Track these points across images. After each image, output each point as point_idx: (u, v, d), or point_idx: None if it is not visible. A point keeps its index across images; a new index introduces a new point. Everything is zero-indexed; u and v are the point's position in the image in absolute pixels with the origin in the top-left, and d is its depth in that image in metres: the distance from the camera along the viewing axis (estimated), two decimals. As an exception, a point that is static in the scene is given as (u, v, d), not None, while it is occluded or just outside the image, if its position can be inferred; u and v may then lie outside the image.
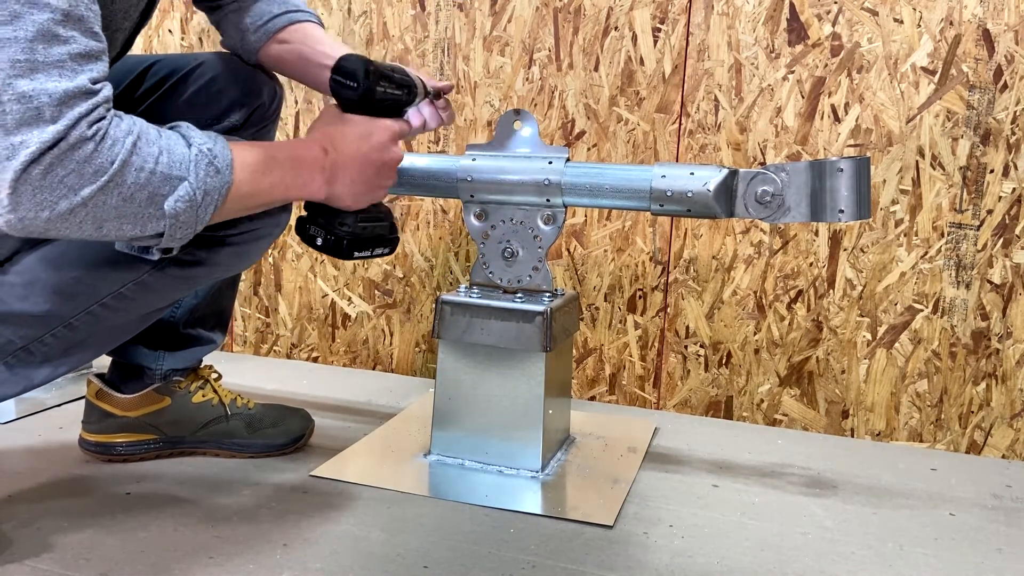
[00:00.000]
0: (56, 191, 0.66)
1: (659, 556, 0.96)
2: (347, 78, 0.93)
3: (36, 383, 0.90)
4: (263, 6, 1.10)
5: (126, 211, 0.70)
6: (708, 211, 1.07)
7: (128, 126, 0.71)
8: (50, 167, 0.65)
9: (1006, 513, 1.13)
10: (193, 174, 0.74)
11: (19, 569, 0.88)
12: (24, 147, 0.64)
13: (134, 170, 0.69)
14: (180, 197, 0.73)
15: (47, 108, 0.64)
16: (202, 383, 1.20)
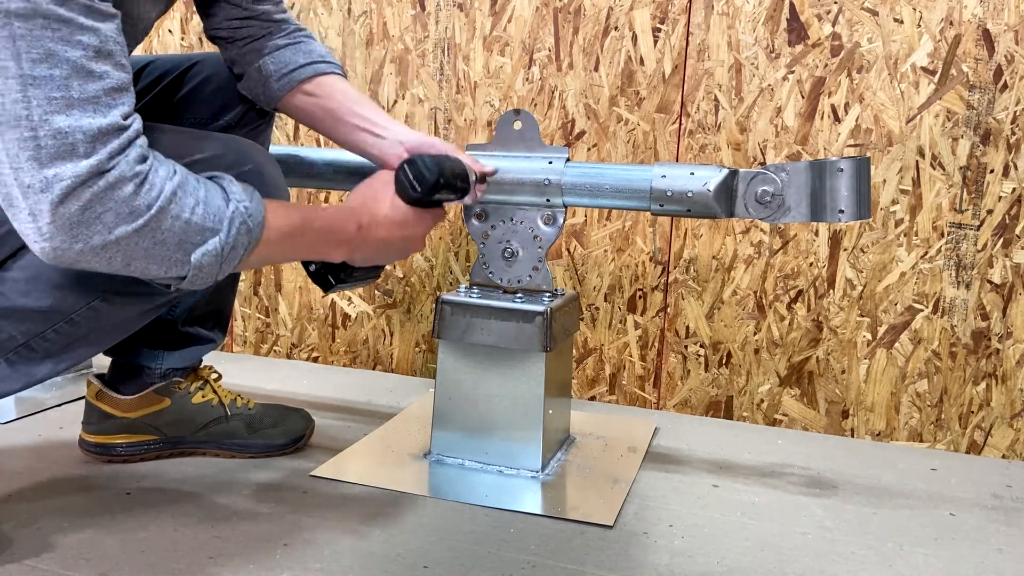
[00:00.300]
0: (92, 227, 0.68)
1: (659, 556, 0.96)
2: (416, 181, 0.94)
3: (37, 379, 0.90)
4: (288, 54, 1.09)
5: (155, 253, 0.72)
6: (708, 211, 1.07)
7: (168, 172, 0.73)
8: (89, 203, 0.67)
9: (1006, 513, 1.13)
10: (225, 230, 0.76)
11: (19, 569, 0.88)
12: (58, 180, 0.66)
13: (170, 217, 0.72)
14: (208, 251, 0.76)
15: (81, 144, 0.66)
16: (202, 383, 1.20)
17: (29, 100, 0.65)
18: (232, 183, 0.80)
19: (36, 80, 0.65)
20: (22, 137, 0.66)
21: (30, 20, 0.64)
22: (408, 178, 0.94)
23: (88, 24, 0.67)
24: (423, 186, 0.94)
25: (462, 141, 1.58)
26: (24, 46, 0.65)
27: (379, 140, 1.07)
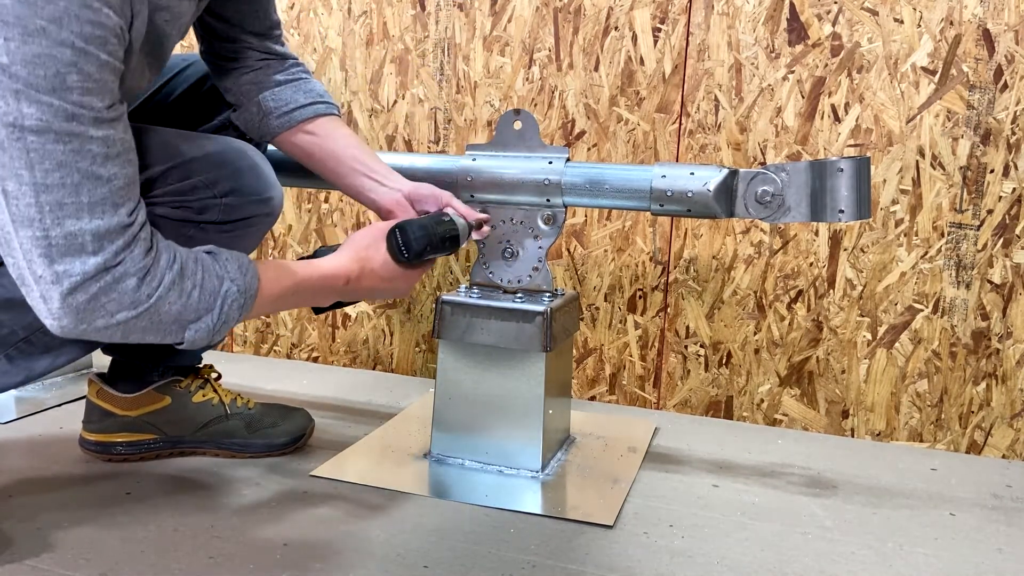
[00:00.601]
0: (96, 313, 0.74)
1: (659, 556, 0.96)
2: (404, 247, 0.98)
3: (37, 373, 0.91)
4: (289, 92, 1.09)
5: (152, 329, 0.79)
6: (708, 211, 1.07)
7: (168, 261, 0.78)
8: (95, 296, 0.73)
9: (1006, 513, 1.13)
10: (218, 308, 0.82)
11: (19, 569, 0.88)
12: (68, 276, 0.72)
13: (167, 304, 0.78)
14: (200, 328, 0.81)
15: (90, 243, 0.72)
16: (202, 383, 1.20)
17: (41, 206, 0.70)
18: (228, 262, 0.84)
19: (48, 188, 0.70)
20: (34, 236, 0.70)
21: (42, 135, 0.69)
22: (397, 243, 0.98)
23: (97, 134, 0.72)
24: (410, 253, 0.98)
25: (462, 141, 1.58)
26: (37, 158, 0.69)
27: (378, 186, 1.09)
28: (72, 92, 0.69)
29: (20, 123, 0.68)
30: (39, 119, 0.68)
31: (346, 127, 1.14)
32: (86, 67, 0.69)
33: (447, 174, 1.20)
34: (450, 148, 1.60)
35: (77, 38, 0.68)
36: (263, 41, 1.09)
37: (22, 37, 0.66)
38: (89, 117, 0.71)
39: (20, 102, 0.67)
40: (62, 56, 0.68)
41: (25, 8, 0.66)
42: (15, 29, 0.66)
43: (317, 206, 1.72)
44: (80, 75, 0.69)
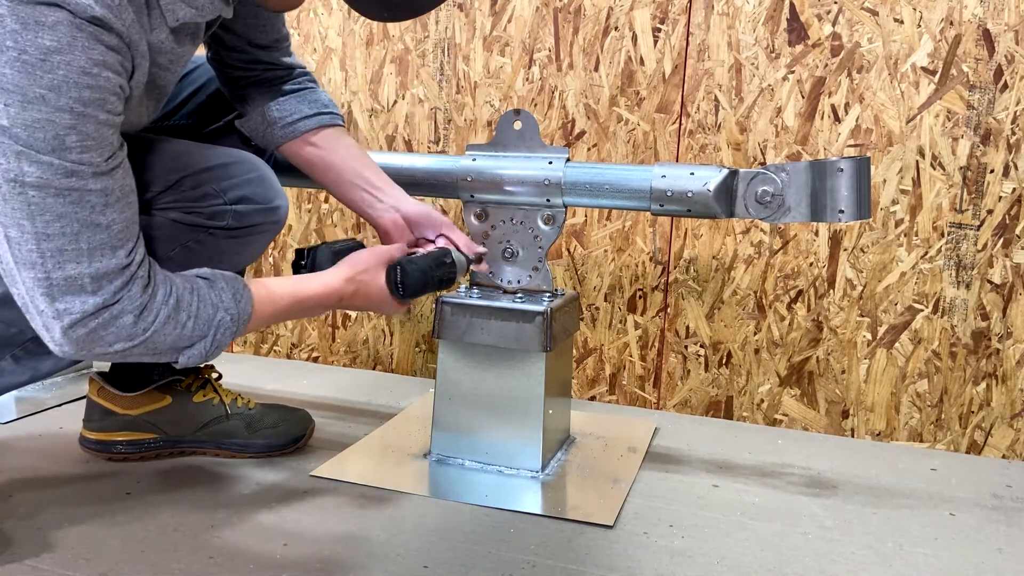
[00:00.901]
0: (95, 344, 0.78)
1: (659, 556, 0.96)
2: (401, 286, 1.01)
3: (42, 373, 0.93)
4: (293, 103, 1.10)
5: (148, 354, 0.82)
6: (708, 211, 1.07)
7: (164, 295, 0.81)
8: (94, 330, 0.77)
9: (1006, 513, 1.12)
10: (211, 336, 0.85)
11: (19, 569, 0.88)
12: (68, 313, 0.75)
13: (162, 335, 0.81)
14: (194, 353, 0.85)
15: (89, 284, 0.75)
16: (203, 383, 1.20)
17: (43, 252, 0.73)
18: (223, 290, 0.86)
19: (49, 236, 0.73)
20: (36, 277, 0.74)
21: (43, 190, 0.71)
22: (396, 280, 1.01)
23: (96, 187, 0.74)
24: (406, 292, 1.02)
25: (462, 141, 1.58)
26: (37, 210, 0.72)
27: (376, 203, 1.11)
28: (71, 152, 0.72)
29: (21, 179, 0.71)
30: (39, 177, 0.71)
31: (349, 138, 1.14)
32: (85, 128, 0.72)
33: (447, 174, 1.20)
34: (450, 148, 1.60)
35: (76, 103, 0.71)
36: (270, 53, 1.09)
37: (21, 104, 0.69)
38: (88, 172, 0.73)
39: (21, 161, 0.70)
40: (61, 120, 0.70)
41: (24, 78, 0.68)
42: (15, 96, 0.69)
43: (317, 206, 1.72)
44: (79, 135, 0.72)
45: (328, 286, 0.97)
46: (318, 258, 1.03)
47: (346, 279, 0.98)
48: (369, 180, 1.11)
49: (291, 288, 0.94)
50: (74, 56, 0.70)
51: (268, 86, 1.10)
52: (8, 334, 0.88)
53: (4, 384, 0.91)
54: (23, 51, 0.68)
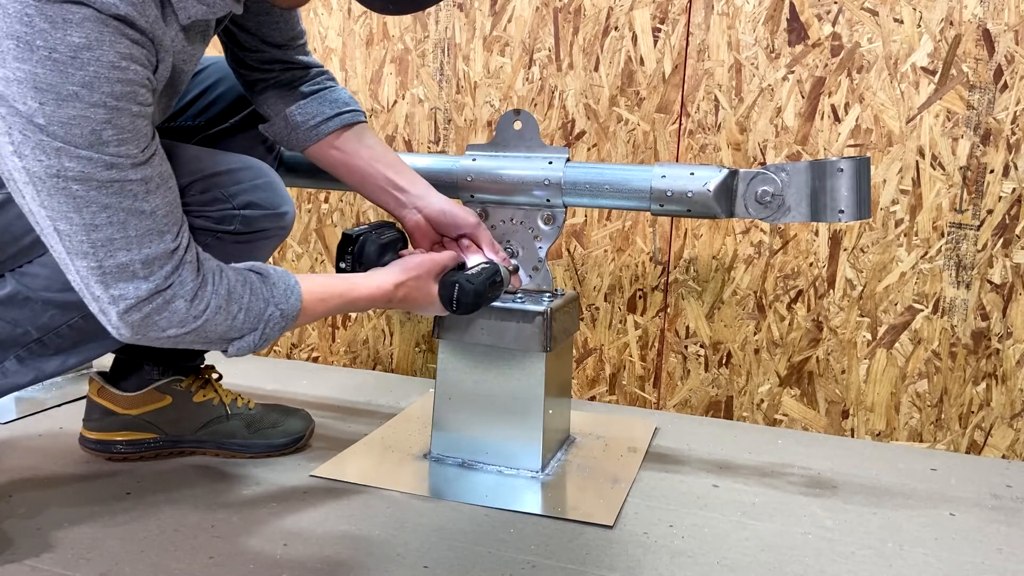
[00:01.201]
0: (150, 328, 0.80)
1: (659, 556, 0.96)
2: (456, 303, 1.03)
3: (46, 374, 0.93)
4: (315, 105, 1.10)
5: (199, 342, 0.85)
6: (708, 211, 1.07)
7: (215, 285, 0.83)
8: (148, 315, 0.79)
9: (1006, 513, 1.12)
10: (261, 329, 0.87)
11: (19, 569, 0.88)
12: (123, 298, 0.78)
13: (214, 324, 0.83)
14: (243, 346, 0.87)
15: (140, 270, 0.78)
16: (203, 383, 1.20)
17: (93, 242, 0.75)
18: (275, 285, 0.88)
19: (97, 227, 0.75)
20: (89, 266, 0.76)
21: (85, 184, 0.73)
22: (452, 298, 1.03)
23: (136, 176, 0.76)
24: (460, 310, 1.03)
25: (462, 141, 1.58)
26: (83, 202, 0.74)
27: (401, 205, 1.12)
28: (108, 145, 0.73)
29: (64, 175, 0.72)
30: (80, 171, 0.73)
31: (371, 136, 1.14)
32: (119, 121, 0.74)
33: (447, 174, 1.20)
34: (450, 148, 1.60)
35: (108, 97, 0.72)
36: (285, 51, 1.09)
37: (56, 102, 0.70)
38: (127, 164, 0.75)
39: (61, 158, 0.72)
40: (95, 116, 0.72)
41: (57, 76, 0.70)
42: (49, 94, 0.70)
43: (317, 206, 1.72)
44: (115, 129, 0.73)
45: (380, 288, 0.99)
46: (366, 249, 1.04)
47: (397, 283, 1.00)
48: (392, 181, 1.11)
49: (342, 287, 0.96)
50: (103, 51, 0.71)
51: (287, 88, 1.10)
52: (13, 334, 0.89)
53: (8, 384, 0.91)
54: (53, 49, 0.69)
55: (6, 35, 0.68)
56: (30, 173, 0.73)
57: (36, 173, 0.72)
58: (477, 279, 1.03)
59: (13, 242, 0.88)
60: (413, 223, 1.11)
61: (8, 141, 0.72)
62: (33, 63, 0.69)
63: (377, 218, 1.68)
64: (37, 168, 0.72)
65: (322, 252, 1.73)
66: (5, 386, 0.91)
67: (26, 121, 0.70)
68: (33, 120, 0.70)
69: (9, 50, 0.69)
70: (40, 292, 0.88)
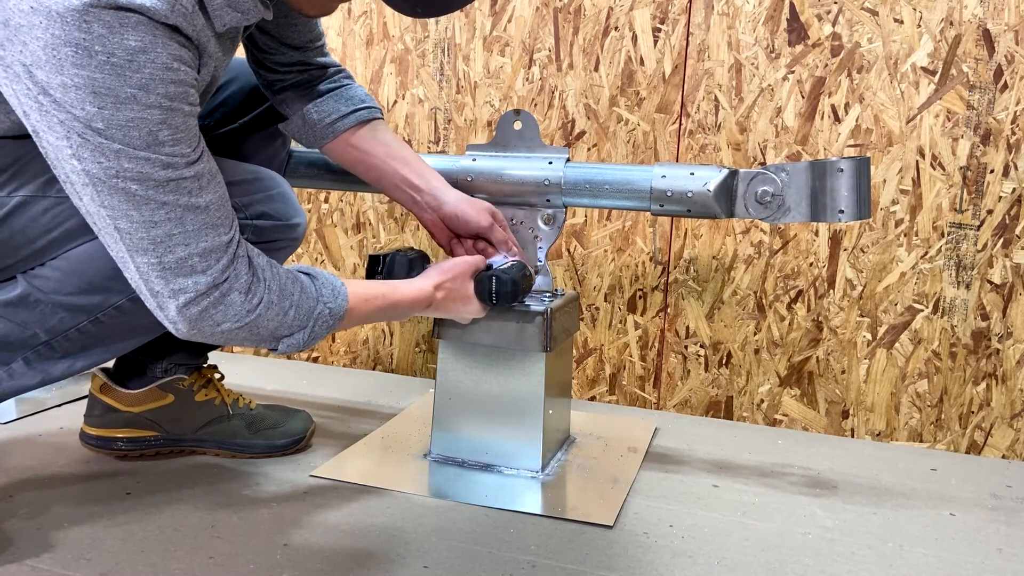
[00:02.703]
0: (206, 322, 0.83)
1: (659, 556, 0.96)
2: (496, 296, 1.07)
3: (53, 377, 0.93)
4: (331, 103, 1.11)
5: (251, 338, 0.88)
6: (708, 211, 1.08)
7: (268, 280, 0.86)
8: (205, 309, 0.82)
9: (1006, 513, 1.13)
10: (310, 327, 0.91)
11: (19, 569, 0.88)
12: (183, 292, 0.81)
13: (266, 320, 0.87)
14: (293, 343, 0.91)
15: (198, 263, 0.80)
16: (205, 382, 1.20)
17: (153, 239, 0.78)
18: (324, 286, 0.92)
19: (156, 223, 0.78)
20: (150, 262, 0.79)
21: (144, 183, 0.76)
22: (490, 290, 1.07)
23: (190, 173, 0.79)
24: (500, 301, 1.07)
25: (462, 141, 1.59)
26: (142, 200, 0.77)
27: (416, 204, 1.14)
28: (164, 146, 0.76)
29: (122, 175, 0.75)
30: (139, 172, 0.75)
31: (387, 132, 1.16)
32: (174, 121, 0.76)
33: (447, 174, 1.20)
34: (450, 148, 1.60)
35: (163, 99, 0.74)
36: (304, 53, 1.10)
37: (115, 106, 0.72)
38: (182, 163, 0.78)
39: (120, 160, 0.74)
40: (152, 117, 0.74)
41: (115, 80, 0.72)
42: (108, 99, 0.72)
43: (317, 206, 1.72)
44: (170, 129, 0.76)
45: (422, 291, 1.02)
46: (395, 267, 1.09)
47: (436, 285, 1.04)
48: (407, 179, 1.13)
49: (385, 290, 0.99)
50: (156, 54, 0.73)
51: (305, 88, 1.12)
52: (22, 336, 0.89)
53: (14, 386, 0.92)
54: (112, 54, 0.71)
55: (64, 42, 0.69)
56: (90, 175, 0.75)
57: (95, 175, 0.75)
58: (511, 271, 1.08)
59: (27, 244, 0.88)
60: (430, 221, 1.14)
61: (67, 145, 0.73)
62: (92, 68, 0.70)
63: (377, 218, 1.68)
64: (96, 170, 0.74)
65: (322, 252, 1.73)
66: (11, 388, 0.92)
67: (84, 126, 0.72)
68: (92, 125, 0.72)
69: (67, 57, 0.70)
70: (51, 295, 0.89)
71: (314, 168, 1.29)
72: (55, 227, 0.88)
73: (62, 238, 0.89)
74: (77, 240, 0.89)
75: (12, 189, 0.86)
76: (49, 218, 0.88)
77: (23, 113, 0.75)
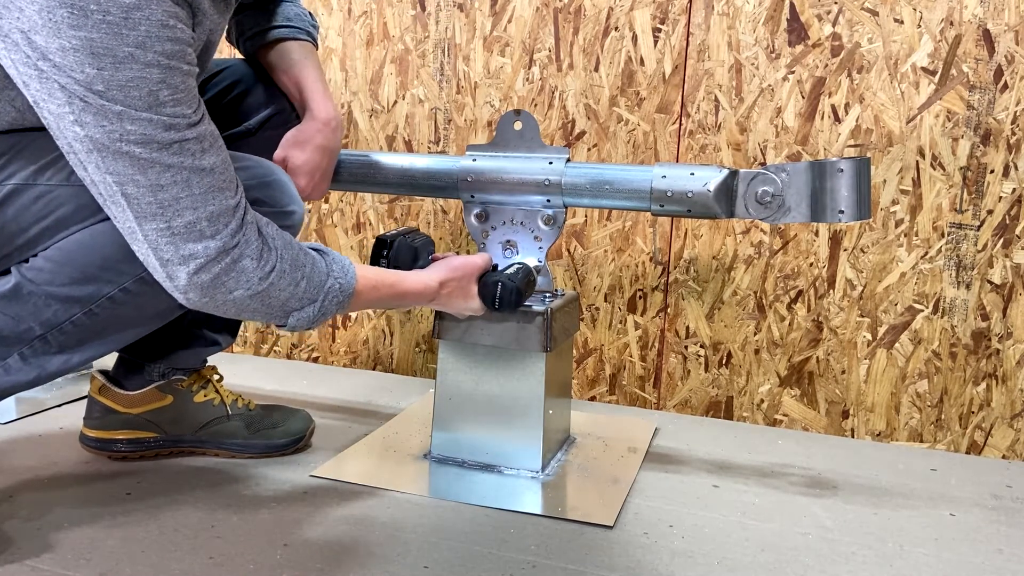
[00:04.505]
0: (219, 289, 0.83)
1: (659, 556, 0.96)
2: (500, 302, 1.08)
3: (48, 372, 0.92)
4: (258, 16, 1.12)
5: (261, 309, 0.88)
6: (708, 211, 1.07)
7: (280, 249, 0.86)
8: (218, 275, 0.82)
9: (1006, 513, 1.13)
10: (320, 301, 0.91)
11: (19, 569, 0.88)
12: (193, 258, 0.80)
13: (278, 290, 0.86)
14: (303, 317, 0.91)
15: (207, 228, 0.80)
16: (204, 383, 1.20)
17: (160, 203, 0.78)
18: (334, 262, 0.93)
19: (162, 187, 0.78)
20: (159, 227, 0.79)
21: (147, 146, 0.76)
22: (494, 295, 1.08)
23: (192, 135, 0.79)
24: (502, 306, 1.08)
25: (462, 141, 1.59)
26: (147, 164, 0.77)
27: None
28: (165, 106, 0.76)
29: (126, 138, 0.75)
30: (142, 134, 0.75)
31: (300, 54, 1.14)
32: (173, 80, 0.76)
33: (447, 174, 1.20)
34: (450, 148, 1.60)
35: (161, 56, 0.75)
36: None
37: (114, 66, 0.72)
38: (184, 124, 0.78)
39: (123, 122, 0.74)
40: (151, 76, 0.74)
41: (112, 38, 0.72)
42: (106, 59, 0.72)
43: (317, 206, 1.72)
44: (169, 89, 0.76)
45: (427, 287, 1.04)
46: (400, 252, 1.10)
47: (442, 281, 1.06)
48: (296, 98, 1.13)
49: (393, 279, 1.01)
50: (151, 11, 0.73)
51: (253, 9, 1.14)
52: (17, 330, 0.88)
53: (10, 382, 0.91)
54: (107, 12, 0.71)
55: (59, 4, 0.70)
56: (93, 141, 0.74)
57: (99, 140, 0.74)
58: (516, 277, 1.09)
59: (20, 233, 0.88)
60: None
61: (69, 111, 0.73)
62: (88, 28, 0.71)
63: (376, 218, 1.68)
64: (99, 135, 0.74)
65: (322, 252, 1.73)
66: (8, 384, 0.91)
67: (85, 89, 0.72)
68: (92, 87, 0.72)
69: (63, 19, 0.70)
70: (43, 286, 0.88)
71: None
72: (47, 215, 0.88)
73: (54, 226, 0.88)
74: (70, 228, 0.89)
75: (3, 178, 0.86)
76: (41, 206, 0.87)
77: (23, 84, 0.75)
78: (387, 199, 1.66)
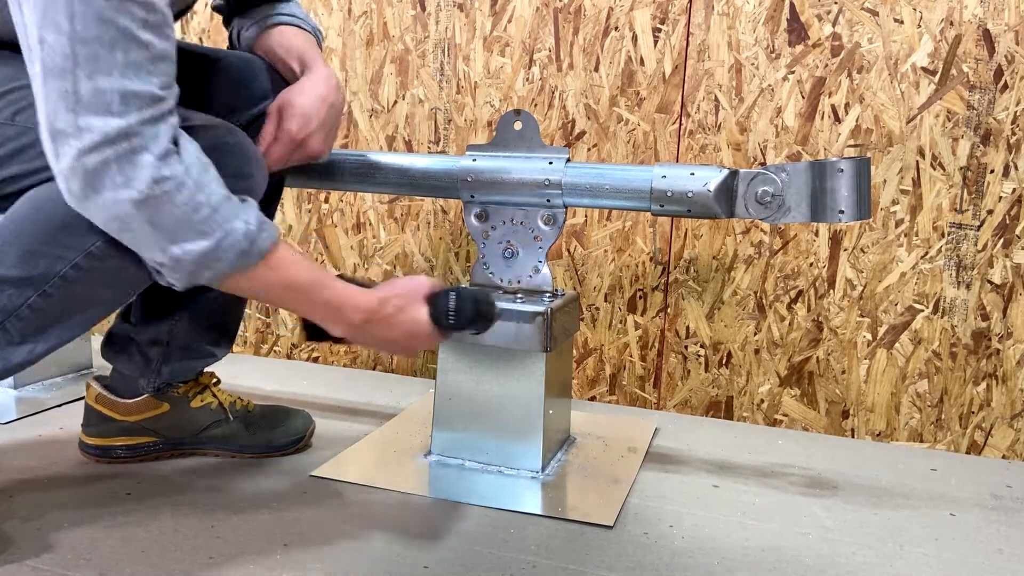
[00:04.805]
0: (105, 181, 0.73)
1: (659, 556, 0.96)
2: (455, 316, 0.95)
3: (15, 363, 0.88)
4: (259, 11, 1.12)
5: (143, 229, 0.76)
6: (708, 211, 1.07)
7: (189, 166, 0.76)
8: (107, 163, 0.72)
9: (1006, 513, 1.13)
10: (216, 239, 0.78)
11: (19, 569, 0.88)
12: (88, 131, 0.71)
13: (171, 204, 0.75)
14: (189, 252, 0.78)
15: (116, 103, 0.71)
16: (201, 389, 1.19)
17: (76, 56, 0.70)
18: (252, 210, 0.82)
19: (85, 41, 0.70)
20: (63, 88, 0.70)
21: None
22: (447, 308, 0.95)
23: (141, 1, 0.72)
24: (458, 322, 0.96)
25: (462, 141, 1.58)
26: (79, 8, 0.69)
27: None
28: None
29: None
30: None
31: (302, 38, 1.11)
32: None
33: (447, 174, 1.20)
34: (450, 148, 1.60)
35: None
36: None
37: None
38: None
39: None
40: None
41: None
42: None
43: (317, 206, 1.72)
44: None
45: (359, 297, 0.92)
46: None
47: (381, 300, 0.92)
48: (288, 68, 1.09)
49: (321, 275, 0.90)
50: None
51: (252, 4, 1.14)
52: None
53: None
54: None
55: None
56: None
57: None
58: (474, 290, 0.99)
59: None
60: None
61: None
62: None
63: (377, 218, 1.68)
64: None
65: (322, 252, 1.73)
66: None
67: None
68: None
69: None
70: None
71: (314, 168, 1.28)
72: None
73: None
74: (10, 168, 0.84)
75: None
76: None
77: None
78: (387, 199, 1.66)
